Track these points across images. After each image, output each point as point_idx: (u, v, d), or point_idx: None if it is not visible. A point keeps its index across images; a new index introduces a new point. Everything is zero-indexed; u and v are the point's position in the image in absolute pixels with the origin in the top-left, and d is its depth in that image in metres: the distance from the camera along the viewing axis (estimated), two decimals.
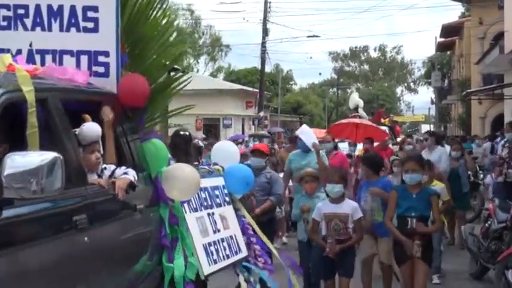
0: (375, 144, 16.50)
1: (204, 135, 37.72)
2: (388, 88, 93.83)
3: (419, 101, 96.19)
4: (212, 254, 6.25)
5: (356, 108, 22.18)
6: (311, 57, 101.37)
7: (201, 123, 48.19)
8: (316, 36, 57.74)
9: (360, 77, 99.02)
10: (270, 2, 48.88)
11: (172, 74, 6.55)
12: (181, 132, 7.81)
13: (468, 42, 46.01)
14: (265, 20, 48.50)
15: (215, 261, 6.26)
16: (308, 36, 57.86)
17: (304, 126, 12.40)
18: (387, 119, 24.37)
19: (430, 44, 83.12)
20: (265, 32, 48.39)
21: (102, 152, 5.31)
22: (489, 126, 39.34)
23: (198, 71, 68.88)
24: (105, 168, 5.32)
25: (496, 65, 27.97)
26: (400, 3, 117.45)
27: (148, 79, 5.86)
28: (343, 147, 18.12)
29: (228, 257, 6.56)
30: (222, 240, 6.55)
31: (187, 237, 5.86)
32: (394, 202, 7.66)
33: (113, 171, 5.31)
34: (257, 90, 50.88)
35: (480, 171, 18.55)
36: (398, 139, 22.00)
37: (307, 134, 11.54)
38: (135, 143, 5.79)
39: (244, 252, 6.90)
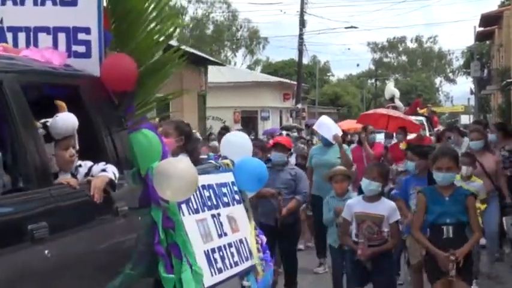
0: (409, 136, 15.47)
1: (241, 128, 37.11)
2: (427, 79, 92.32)
3: (458, 91, 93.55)
4: (216, 262, 5.30)
5: (392, 99, 21.01)
6: (349, 49, 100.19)
7: (239, 115, 47.57)
8: (354, 27, 56.62)
9: (398, 68, 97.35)
10: None
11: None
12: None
13: (508, 31, 44.60)
14: (302, 12, 47.23)
15: (220, 270, 5.31)
16: (346, 28, 56.81)
17: (323, 117, 11.42)
18: (425, 109, 23.17)
19: (469, 33, 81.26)
20: (303, 23, 47.20)
21: (77, 147, 4.40)
22: None
23: (235, 64, 68.24)
24: (80, 165, 4.41)
25: None
26: None
27: (138, 59, 4.90)
28: (380, 138, 17.05)
29: (236, 264, 5.60)
30: (230, 245, 5.60)
31: (187, 242, 4.91)
32: (423, 207, 6.37)
33: (90, 169, 4.40)
34: (294, 82, 49.86)
35: None
36: (436, 129, 20.81)
37: (327, 126, 10.61)
38: (121, 134, 4.84)
39: (255, 258, 5.96)
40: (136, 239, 4.66)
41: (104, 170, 4.35)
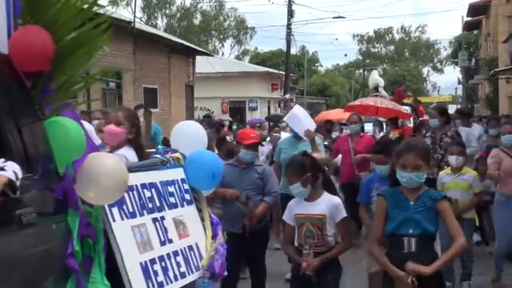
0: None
1: (230, 118, 36.52)
2: (414, 68, 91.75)
3: (445, 81, 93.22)
4: (156, 275, 4.35)
5: (376, 88, 20.07)
6: (336, 39, 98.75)
7: (227, 106, 47.22)
8: (342, 17, 56.11)
9: (386, 58, 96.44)
10: None
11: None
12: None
13: (495, 21, 44.20)
14: (290, 2, 46.77)
15: (161, 285, 4.38)
16: (333, 18, 56.22)
17: (296, 107, 10.21)
18: (410, 98, 22.28)
19: (456, 23, 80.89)
20: (291, 13, 46.84)
21: None
22: None
23: (223, 54, 67.39)
24: None
25: None
26: None
27: (55, 33, 3.96)
28: (368, 129, 16.24)
29: (183, 275, 4.66)
30: (175, 253, 4.65)
31: (102, 255, 3.99)
32: (382, 214, 5.11)
33: None
34: (283, 72, 49.32)
35: None
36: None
37: (299, 119, 9.51)
38: (33, 124, 3.92)
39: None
40: (48, 252, 3.73)
41: (1, 169, 3.44)
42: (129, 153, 5.60)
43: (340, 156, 11.68)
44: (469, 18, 53.09)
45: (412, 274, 4.76)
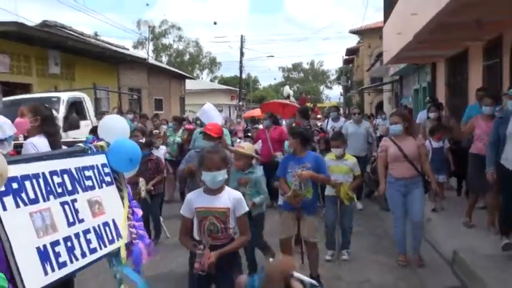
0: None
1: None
2: (315, 87, 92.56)
3: (333, 94, 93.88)
4: (58, 256, 2.68)
5: (288, 96, 18.71)
6: (269, 69, 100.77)
7: None
8: (272, 56, 55.91)
9: (299, 80, 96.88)
10: (244, 36, 47.93)
11: None
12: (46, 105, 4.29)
13: (362, 58, 43.92)
14: (241, 47, 46.72)
15: (63, 264, 2.70)
16: (267, 56, 55.74)
17: (207, 104, 7.57)
18: (311, 104, 20.96)
19: (339, 59, 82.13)
20: (242, 54, 46.86)
21: None
22: (374, 109, 37.27)
23: (202, 78, 66.62)
24: None
25: (378, 72, 27.42)
26: (321, 35, 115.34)
27: None
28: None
29: (94, 250, 2.98)
30: (87, 231, 2.98)
31: None
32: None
33: None
34: (237, 89, 49.26)
35: None
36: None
37: (209, 114, 7.22)
38: None
39: (124, 239, 3.35)
40: None
41: None
42: (38, 141, 4.01)
43: (260, 142, 10.06)
44: (347, 57, 52.44)
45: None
